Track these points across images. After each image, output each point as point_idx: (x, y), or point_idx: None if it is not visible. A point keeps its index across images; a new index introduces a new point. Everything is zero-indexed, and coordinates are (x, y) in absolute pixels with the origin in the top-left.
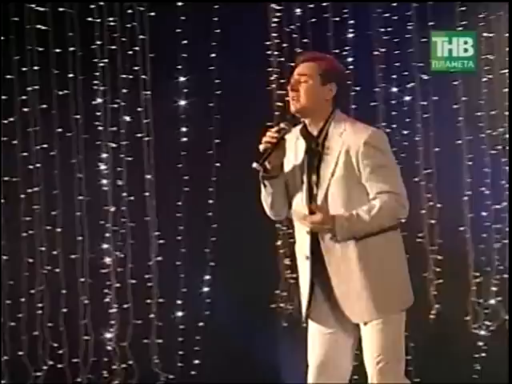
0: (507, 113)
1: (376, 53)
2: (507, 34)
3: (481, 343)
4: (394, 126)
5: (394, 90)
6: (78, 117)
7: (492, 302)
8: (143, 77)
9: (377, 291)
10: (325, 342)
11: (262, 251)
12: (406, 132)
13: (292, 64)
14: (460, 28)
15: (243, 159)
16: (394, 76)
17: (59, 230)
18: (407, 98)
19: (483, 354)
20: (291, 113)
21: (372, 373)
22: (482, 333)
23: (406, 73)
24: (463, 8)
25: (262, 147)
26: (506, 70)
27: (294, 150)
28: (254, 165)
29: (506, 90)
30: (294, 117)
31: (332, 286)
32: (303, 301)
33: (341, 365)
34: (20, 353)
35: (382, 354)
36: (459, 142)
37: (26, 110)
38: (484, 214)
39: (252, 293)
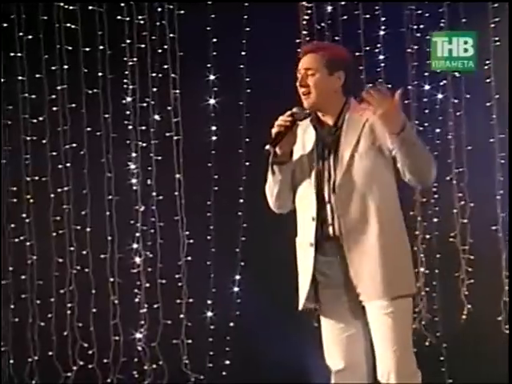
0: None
1: (408, 50)
2: None
3: None
4: (426, 124)
5: (427, 87)
6: (108, 116)
7: None
8: (172, 75)
9: (392, 269)
10: (341, 343)
11: (292, 250)
12: (438, 130)
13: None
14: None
15: None
16: (427, 74)
17: (89, 229)
18: (440, 96)
19: None
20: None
21: (388, 364)
22: None
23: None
24: (495, 5)
25: (274, 130)
26: None
27: (302, 142)
28: (267, 147)
29: None
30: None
31: (341, 270)
32: (302, 291)
33: (360, 362)
34: (50, 353)
35: (397, 344)
36: (492, 140)
37: (55, 109)
38: None
39: (282, 292)
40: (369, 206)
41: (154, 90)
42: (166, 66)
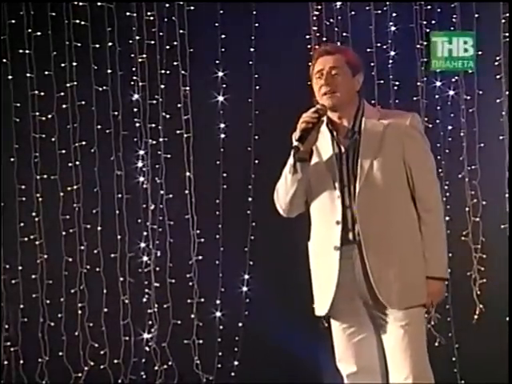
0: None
1: (418, 46)
2: None
3: None
4: (438, 121)
5: (438, 84)
6: (117, 113)
7: None
8: (182, 72)
9: (412, 278)
10: (353, 347)
11: (301, 249)
12: (449, 127)
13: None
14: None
15: (282, 156)
16: (438, 70)
17: (99, 228)
18: (451, 93)
19: None
20: (326, 107)
21: (404, 374)
22: None
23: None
24: None
25: (302, 126)
26: None
27: (319, 144)
28: (295, 143)
29: None
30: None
31: (361, 275)
32: (324, 296)
33: (373, 366)
34: (60, 353)
35: (412, 355)
36: (502, 137)
37: (64, 106)
38: None
39: (292, 292)
40: (389, 213)
41: (163, 86)
42: (175, 63)
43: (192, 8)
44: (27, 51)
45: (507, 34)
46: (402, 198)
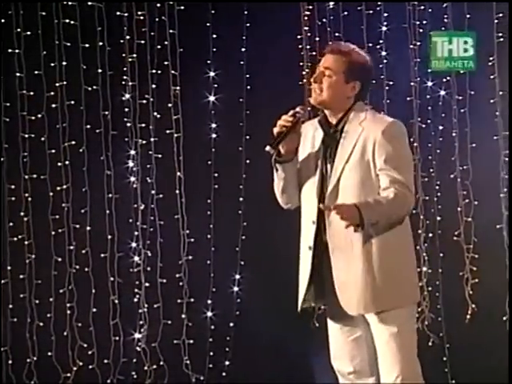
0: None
1: (411, 46)
2: None
3: None
4: (430, 121)
5: (430, 84)
6: (107, 113)
7: None
8: (172, 72)
9: (377, 283)
10: (348, 346)
11: (293, 249)
12: (441, 127)
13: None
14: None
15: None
16: (430, 70)
17: (88, 228)
18: (443, 93)
19: None
20: (305, 109)
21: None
22: None
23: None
24: None
25: (276, 130)
26: None
27: (311, 139)
28: (267, 148)
29: None
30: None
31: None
32: (300, 293)
33: (366, 365)
34: (49, 353)
35: (401, 355)
36: (496, 137)
37: (53, 106)
38: None
39: (282, 292)
40: None
41: (154, 86)
42: (165, 63)
43: (183, 8)
44: (17, 51)
45: (500, 34)
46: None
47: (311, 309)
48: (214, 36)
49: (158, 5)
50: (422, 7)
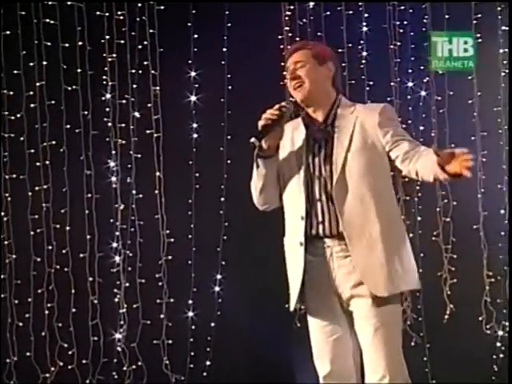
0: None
1: (391, 47)
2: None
3: (498, 344)
4: (410, 121)
5: (410, 84)
6: (87, 113)
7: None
8: (153, 72)
9: (398, 264)
10: (329, 345)
11: (274, 249)
12: (421, 128)
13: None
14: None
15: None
16: (410, 71)
17: (68, 228)
18: (423, 93)
19: (501, 355)
20: (298, 102)
21: (380, 373)
22: (500, 333)
23: (422, 67)
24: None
25: (261, 123)
26: None
27: (291, 140)
28: (252, 139)
29: None
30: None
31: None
32: (293, 292)
33: (348, 365)
34: (28, 354)
35: (387, 353)
36: (473, 138)
37: (33, 105)
38: (502, 211)
39: (264, 292)
40: (367, 202)
41: (134, 86)
42: (145, 63)
43: (163, 8)
44: None
45: (479, 35)
46: (381, 185)
47: (298, 309)
48: (195, 36)
49: (139, 4)
50: (402, 7)
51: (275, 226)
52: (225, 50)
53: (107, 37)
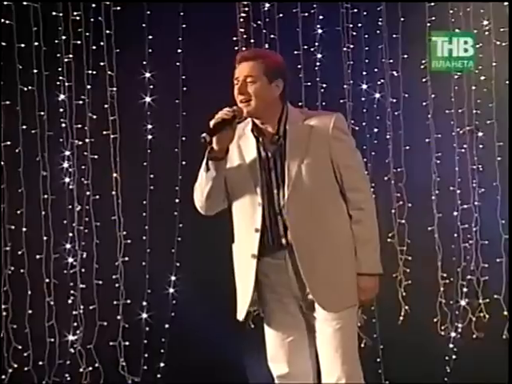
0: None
1: (345, 49)
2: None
3: (451, 345)
4: (364, 123)
5: (364, 87)
6: (43, 113)
7: (462, 303)
8: (109, 73)
9: (346, 280)
10: (284, 348)
11: (228, 251)
12: (375, 130)
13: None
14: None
15: None
16: (364, 73)
17: (24, 229)
18: (377, 96)
19: (453, 356)
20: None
21: (337, 376)
22: (453, 334)
23: (376, 69)
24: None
25: (213, 122)
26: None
27: (238, 149)
28: (204, 134)
29: (474, 87)
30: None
31: (295, 278)
32: (244, 300)
33: (304, 368)
34: None
35: (344, 356)
36: (428, 140)
37: None
38: (455, 213)
39: (218, 293)
40: (320, 215)
41: (90, 87)
42: (101, 63)
43: (119, 8)
44: None
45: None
46: (333, 199)
47: (252, 311)
48: (150, 37)
49: (94, 5)
50: (356, 10)
51: (229, 228)
52: (180, 51)
53: (63, 37)
